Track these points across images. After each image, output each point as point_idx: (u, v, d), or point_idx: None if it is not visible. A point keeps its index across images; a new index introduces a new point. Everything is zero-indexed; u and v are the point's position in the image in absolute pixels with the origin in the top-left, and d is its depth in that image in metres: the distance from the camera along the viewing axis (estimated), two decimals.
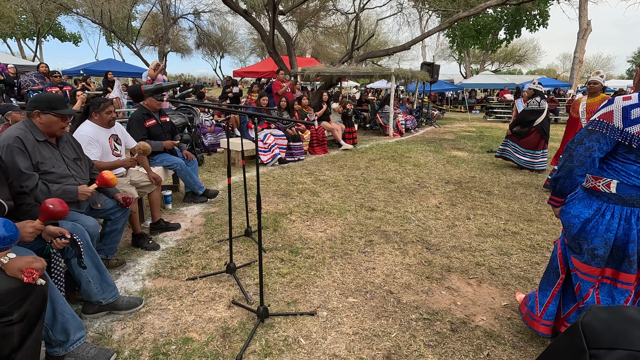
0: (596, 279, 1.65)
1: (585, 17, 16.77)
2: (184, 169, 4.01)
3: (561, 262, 1.80)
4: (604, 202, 1.61)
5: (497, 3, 11.48)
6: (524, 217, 3.93)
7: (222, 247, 3.12)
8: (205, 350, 1.92)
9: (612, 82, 26.99)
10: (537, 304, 1.89)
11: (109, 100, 3.03)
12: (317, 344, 1.98)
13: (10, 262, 1.49)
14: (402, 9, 16.73)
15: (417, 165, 6.29)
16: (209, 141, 7.22)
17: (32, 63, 15.22)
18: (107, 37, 29.22)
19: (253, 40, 31.48)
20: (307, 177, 5.43)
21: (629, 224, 1.56)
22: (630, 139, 1.49)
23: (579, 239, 1.66)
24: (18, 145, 2.06)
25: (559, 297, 1.82)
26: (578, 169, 1.58)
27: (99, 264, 2.11)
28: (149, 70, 6.14)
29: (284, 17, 16.52)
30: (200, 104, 2.28)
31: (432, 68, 11.76)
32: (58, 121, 2.21)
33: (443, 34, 27.54)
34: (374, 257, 2.98)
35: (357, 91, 20.03)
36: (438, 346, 1.98)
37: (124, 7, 21.81)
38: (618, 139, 1.52)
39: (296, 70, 10.32)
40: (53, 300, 1.72)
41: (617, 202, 1.58)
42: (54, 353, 1.76)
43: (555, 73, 49.70)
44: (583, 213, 1.65)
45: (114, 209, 2.58)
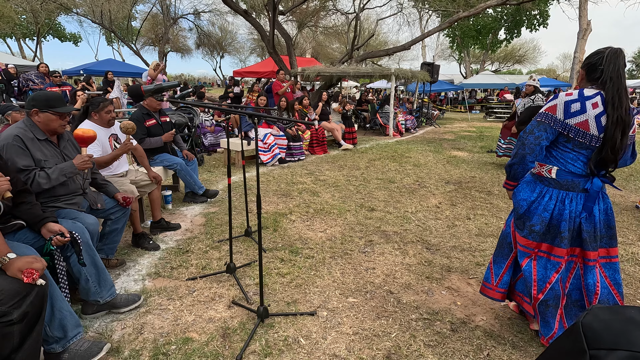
0: (532, 251, 1.88)
1: (585, 17, 16.76)
2: (184, 169, 4.01)
3: (514, 238, 2.00)
4: (545, 186, 1.84)
5: (497, 3, 11.49)
6: None
7: (222, 247, 3.12)
8: (205, 350, 1.92)
9: None
10: (492, 275, 2.09)
11: (108, 100, 3.03)
12: (317, 344, 1.98)
13: (10, 262, 1.49)
14: (402, 9, 16.75)
15: (417, 165, 6.29)
16: (209, 141, 7.22)
17: (32, 63, 15.22)
18: (107, 37, 29.22)
19: (253, 40, 31.48)
20: (307, 177, 5.43)
21: (563, 205, 1.79)
22: (568, 130, 1.71)
23: (524, 217, 1.89)
24: (18, 143, 2.06)
25: (512, 268, 2.04)
26: (529, 155, 1.79)
27: (97, 263, 2.11)
28: (149, 70, 6.15)
29: (284, 17, 16.52)
30: (200, 104, 2.28)
31: (432, 68, 11.77)
32: (57, 119, 2.21)
33: (443, 34, 27.54)
34: (374, 257, 2.98)
35: (357, 91, 20.03)
36: (438, 346, 1.98)
37: (124, 7, 21.82)
38: (559, 129, 1.73)
39: (296, 70, 10.32)
40: (52, 297, 1.72)
41: (555, 186, 1.81)
42: (51, 350, 1.76)
43: (555, 73, 49.71)
44: (528, 196, 1.87)
45: (114, 209, 2.58)
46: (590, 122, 1.67)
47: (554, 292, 1.83)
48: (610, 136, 1.65)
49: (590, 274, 1.81)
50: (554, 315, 1.86)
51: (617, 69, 1.67)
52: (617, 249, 1.85)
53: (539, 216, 1.82)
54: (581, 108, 1.68)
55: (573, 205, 1.78)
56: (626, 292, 2.53)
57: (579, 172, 1.76)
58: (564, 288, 1.86)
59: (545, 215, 1.81)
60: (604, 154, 1.69)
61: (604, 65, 1.69)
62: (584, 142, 1.70)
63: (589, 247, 1.78)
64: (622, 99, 1.65)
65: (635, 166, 6.49)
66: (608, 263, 1.84)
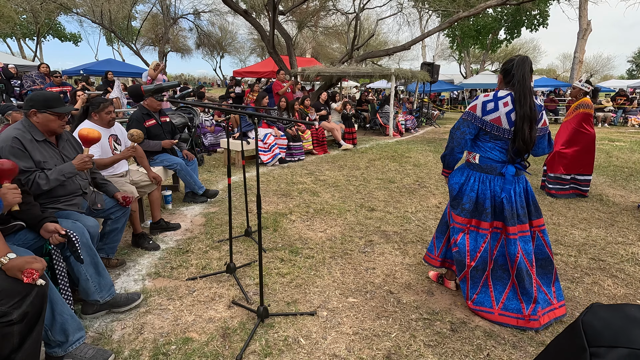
0: (465, 227, 2.21)
1: (585, 17, 16.77)
2: (184, 169, 4.01)
3: (449, 219, 2.36)
4: (471, 170, 2.20)
5: (497, 3, 11.49)
6: None
7: (222, 247, 3.12)
8: (205, 350, 1.92)
9: (612, 82, 26.98)
10: (434, 247, 2.49)
11: (108, 100, 3.03)
12: (317, 344, 1.98)
13: (10, 263, 1.49)
14: (402, 9, 16.73)
15: (417, 165, 6.29)
16: (209, 141, 7.22)
17: (32, 63, 15.22)
18: (107, 37, 29.22)
19: (253, 40, 31.49)
20: (307, 177, 5.42)
21: (484, 185, 2.14)
22: (486, 125, 2.06)
23: (457, 198, 2.23)
24: (17, 145, 2.05)
25: (448, 242, 2.40)
26: (457, 147, 2.17)
27: (97, 263, 2.11)
28: (149, 70, 6.14)
29: (284, 17, 16.52)
30: (200, 104, 2.28)
31: (432, 68, 11.77)
32: (55, 120, 2.20)
33: (443, 34, 27.52)
34: (374, 257, 2.98)
35: (357, 91, 20.03)
36: (438, 346, 1.98)
37: (124, 7, 21.81)
38: (479, 125, 2.08)
39: (296, 70, 10.32)
40: (52, 301, 1.72)
41: (478, 170, 2.17)
42: (53, 353, 1.76)
43: (555, 73, 49.68)
44: (458, 179, 2.23)
45: (114, 208, 2.58)
46: (502, 118, 2.02)
47: (482, 259, 2.18)
48: (519, 129, 1.98)
49: (512, 245, 2.13)
50: (481, 277, 2.22)
51: (523, 74, 1.97)
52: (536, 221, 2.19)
53: (468, 196, 2.17)
54: (495, 107, 2.02)
55: (492, 185, 2.13)
56: (626, 292, 2.54)
57: (496, 158, 2.11)
58: (491, 255, 2.19)
59: (472, 194, 2.16)
60: (517, 144, 2.01)
61: (515, 70, 1.99)
62: (498, 135, 2.05)
63: (509, 222, 2.11)
64: (527, 97, 1.96)
65: (635, 166, 6.49)
66: (523, 237, 2.14)
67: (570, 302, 2.41)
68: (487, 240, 2.16)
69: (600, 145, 8.66)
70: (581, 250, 3.16)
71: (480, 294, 2.22)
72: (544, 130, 2.12)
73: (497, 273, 2.20)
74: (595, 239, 3.39)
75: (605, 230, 3.62)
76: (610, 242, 3.34)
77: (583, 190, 4.62)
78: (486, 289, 2.21)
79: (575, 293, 2.51)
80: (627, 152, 7.94)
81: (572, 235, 3.46)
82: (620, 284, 2.63)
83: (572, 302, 2.41)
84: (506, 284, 2.18)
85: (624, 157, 7.36)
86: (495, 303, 2.17)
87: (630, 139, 9.81)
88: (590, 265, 2.90)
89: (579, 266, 2.88)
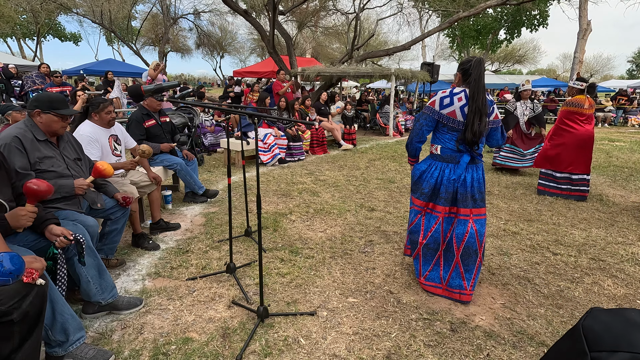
0: (422, 209, 2.48)
1: (585, 17, 16.76)
2: (184, 169, 4.01)
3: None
4: (434, 161, 2.43)
5: (497, 3, 11.48)
6: (524, 217, 3.93)
7: (222, 247, 3.11)
8: (205, 350, 1.92)
9: (612, 82, 26.97)
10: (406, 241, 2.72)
11: (108, 101, 3.03)
12: (317, 344, 1.98)
13: None
14: (402, 9, 16.72)
15: None
16: (209, 141, 7.21)
17: (32, 63, 15.23)
18: (107, 37, 29.20)
19: (253, 40, 31.46)
20: (307, 177, 5.42)
21: (444, 173, 2.36)
22: (442, 118, 2.30)
23: (417, 183, 2.49)
24: (16, 144, 2.05)
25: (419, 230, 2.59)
26: (415, 137, 2.43)
27: (99, 264, 2.10)
28: (149, 70, 6.14)
29: (284, 17, 16.51)
30: (200, 104, 2.27)
31: (432, 68, 11.75)
32: (59, 121, 2.21)
33: (443, 34, 27.51)
34: (374, 257, 2.98)
35: (357, 91, 20.02)
36: (438, 346, 1.98)
37: (124, 7, 21.79)
38: (437, 118, 2.33)
39: (296, 70, 10.32)
40: (53, 301, 1.72)
41: (440, 160, 2.40)
42: (53, 353, 1.76)
43: (555, 73, 49.65)
44: (421, 167, 2.48)
45: (114, 209, 2.58)
46: (456, 112, 2.26)
47: (434, 238, 2.41)
48: (470, 122, 2.21)
49: (461, 225, 2.34)
50: (434, 256, 2.45)
51: (479, 73, 2.22)
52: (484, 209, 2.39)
53: (427, 182, 2.42)
54: (450, 101, 2.28)
55: (451, 173, 2.34)
56: (626, 292, 2.54)
57: (454, 148, 2.34)
58: (444, 236, 2.40)
59: (432, 181, 2.40)
60: (467, 135, 2.23)
61: (472, 70, 2.23)
62: (454, 127, 2.29)
63: (462, 205, 2.34)
64: (480, 94, 2.21)
65: (635, 166, 6.49)
66: (477, 220, 2.36)
67: (570, 302, 2.41)
68: (439, 222, 2.40)
69: (600, 145, 8.66)
70: (581, 250, 3.16)
71: (432, 272, 2.47)
72: (497, 124, 2.38)
73: (447, 254, 2.42)
74: (595, 239, 3.38)
75: (605, 230, 3.62)
76: (610, 242, 3.34)
77: (581, 190, 4.54)
78: (437, 267, 2.46)
79: (575, 293, 2.51)
80: (627, 152, 7.94)
81: (572, 235, 3.46)
82: (620, 284, 2.63)
83: (572, 302, 2.41)
84: (450, 264, 2.40)
85: (624, 157, 7.36)
86: (442, 280, 2.43)
87: (630, 139, 9.81)
88: (590, 265, 2.90)
89: (579, 266, 2.88)
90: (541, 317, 2.24)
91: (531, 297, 2.44)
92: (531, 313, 2.28)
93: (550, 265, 2.89)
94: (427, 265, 2.48)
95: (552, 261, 2.96)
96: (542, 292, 2.51)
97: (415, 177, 2.51)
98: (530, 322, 2.19)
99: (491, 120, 2.33)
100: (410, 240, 2.56)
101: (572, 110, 4.50)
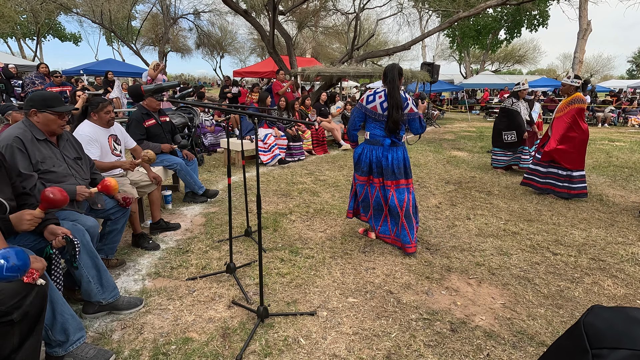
0: (365, 182, 3.16)
1: (585, 17, 16.76)
2: (184, 169, 4.01)
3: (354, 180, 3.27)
4: (366, 145, 3.10)
5: (497, 3, 11.48)
6: (524, 217, 3.93)
7: (222, 247, 3.11)
8: (205, 350, 1.92)
9: (612, 82, 26.96)
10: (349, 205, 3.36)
11: (107, 100, 3.03)
12: (317, 344, 1.98)
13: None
14: (402, 9, 16.73)
15: (417, 165, 6.29)
16: (209, 141, 7.21)
17: (32, 63, 15.22)
18: (107, 37, 29.18)
19: (253, 40, 31.46)
20: (307, 177, 5.42)
21: (372, 153, 3.04)
22: (368, 111, 3.00)
23: (358, 164, 3.14)
24: (17, 145, 2.05)
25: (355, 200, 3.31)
26: (351, 126, 3.07)
27: (99, 264, 2.10)
28: (149, 70, 6.15)
29: (284, 17, 16.52)
30: (200, 104, 2.27)
31: (432, 68, 11.76)
32: (55, 119, 2.20)
33: (443, 34, 27.52)
34: (374, 257, 2.98)
35: (357, 91, 20.02)
36: (438, 346, 1.98)
37: (124, 7, 21.78)
38: (364, 111, 3.02)
39: (296, 70, 10.31)
40: (53, 301, 1.72)
41: (369, 144, 3.07)
42: (53, 353, 1.76)
43: (555, 73, 49.62)
44: (358, 150, 3.14)
45: (114, 209, 2.58)
46: (377, 106, 2.95)
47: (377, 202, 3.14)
48: (389, 114, 2.90)
49: (387, 191, 3.05)
50: (381, 215, 3.17)
51: (392, 76, 2.92)
52: (403, 180, 3.02)
53: (364, 162, 3.09)
54: (373, 99, 2.97)
55: (377, 153, 3.03)
56: (626, 292, 2.54)
57: (378, 134, 3.02)
58: (385, 200, 3.09)
59: (366, 160, 3.08)
60: (389, 123, 2.93)
61: (388, 74, 2.94)
62: (376, 118, 2.98)
63: (386, 178, 3.03)
64: (395, 92, 2.90)
65: (635, 166, 6.49)
66: (397, 189, 3.02)
67: (570, 302, 2.41)
68: (377, 189, 3.10)
69: (600, 145, 8.66)
70: (581, 250, 3.16)
71: (382, 226, 3.17)
72: (414, 115, 2.99)
73: (376, 214, 3.17)
74: (595, 239, 3.38)
75: (605, 230, 3.62)
76: (610, 242, 3.34)
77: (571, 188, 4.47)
78: (386, 223, 3.15)
79: (575, 293, 2.50)
80: (627, 152, 7.95)
81: (572, 235, 3.46)
82: (620, 284, 2.63)
83: (572, 302, 2.41)
84: (397, 221, 3.04)
85: (624, 157, 7.36)
86: (391, 232, 3.12)
87: (630, 139, 9.81)
88: (590, 265, 2.90)
89: (579, 266, 2.88)
90: (541, 317, 2.24)
91: (531, 297, 2.44)
92: (531, 313, 2.28)
93: (550, 265, 2.89)
94: (378, 222, 3.19)
95: (552, 261, 2.96)
96: (542, 292, 2.51)
97: (355, 159, 3.17)
98: (530, 322, 2.19)
99: (406, 112, 2.95)
100: (362, 208, 3.25)
101: (582, 107, 4.49)
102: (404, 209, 2.99)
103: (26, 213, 1.72)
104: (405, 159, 3.05)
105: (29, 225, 1.72)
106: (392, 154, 2.99)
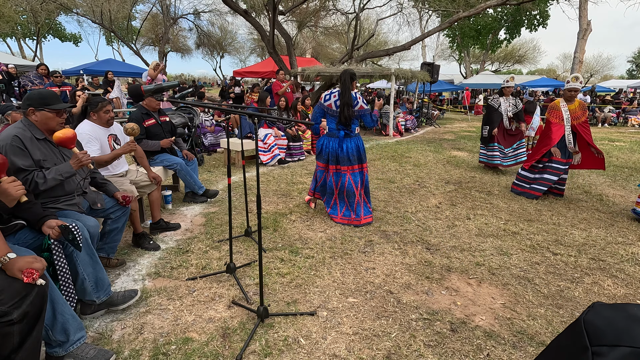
0: (325, 168, 3.72)
1: (585, 17, 16.76)
2: (184, 169, 4.01)
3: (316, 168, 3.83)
4: (326, 137, 3.68)
5: (497, 3, 11.48)
6: (524, 217, 3.93)
7: (222, 247, 3.11)
8: (205, 350, 1.92)
9: (612, 82, 26.97)
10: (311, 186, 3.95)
11: (106, 100, 3.03)
12: (317, 344, 1.98)
13: (10, 262, 1.48)
14: (402, 9, 16.71)
15: (417, 165, 6.29)
16: (209, 141, 7.21)
17: (32, 63, 15.21)
18: (107, 37, 29.18)
19: (253, 40, 31.46)
20: (307, 177, 5.42)
21: (330, 143, 3.63)
22: (325, 108, 3.59)
23: (320, 153, 3.72)
24: (17, 144, 2.05)
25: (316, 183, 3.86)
26: (313, 121, 3.58)
27: (95, 262, 2.10)
28: (148, 70, 6.14)
29: (284, 17, 16.51)
30: (200, 104, 2.27)
31: (432, 68, 11.76)
32: (53, 117, 2.20)
33: (443, 34, 27.51)
34: (374, 257, 2.98)
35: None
36: (438, 346, 1.98)
37: (124, 7, 21.77)
38: (323, 109, 3.60)
39: (296, 70, 10.32)
40: (53, 301, 1.72)
41: (328, 136, 3.66)
42: (53, 353, 1.76)
43: (555, 73, 49.63)
44: (321, 142, 3.72)
45: (114, 208, 2.58)
46: (332, 104, 3.53)
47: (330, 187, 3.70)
48: (341, 110, 3.47)
49: (343, 176, 3.62)
50: (331, 198, 3.72)
51: (344, 79, 3.44)
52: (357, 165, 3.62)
53: (325, 151, 3.67)
54: (330, 97, 3.55)
55: (334, 144, 3.62)
56: (626, 292, 2.54)
57: (334, 128, 3.61)
58: (336, 185, 3.67)
59: (327, 150, 3.65)
60: (340, 118, 3.50)
61: (340, 77, 3.48)
62: (332, 114, 3.56)
63: (342, 164, 3.60)
64: (346, 92, 3.43)
65: (635, 166, 6.49)
66: (352, 173, 3.61)
67: (570, 302, 2.41)
68: (348, 177, 3.61)
69: (600, 145, 8.66)
70: (581, 250, 3.16)
71: (332, 208, 3.72)
72: (364, 112, 3.52)
73: (340, 196, 3.68)
74: (595, 239, 3.39)
75: (605, 230, 3.62)
76: (610, 242, 3.34)
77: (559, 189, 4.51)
78: (335, 205, 3.71)
79: (575, 293, 2.51)
80: (627, 152, 7.95)
81: (572, 235, 3.46)
82: (620, 284, 2.63)
83: (572, 302, 2.41)
84: (343, 202, 3.65)
85: (624, 157, 7.36)
86: (339, 212, 3.67)
87: (630, 139, 9.81)
88: (590, 265, 2.90)
89: (579, 266, 2.88)
90: (541, 317, 2.24)
91: (531, 297, 2.44)
92: (531, 313, 2.28)
93: (550, 265, 2.89)
94: (328, 203, 3.74)
95: (552, 261, 2.96)
96: (542, 292, 2.51)
97: (318, 149, 3.75)
98: (530, 322, 2.19)
99: (357, 109, 3.48)
100: (327, 194, 3.74)
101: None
102: (359, 189, 3.61)
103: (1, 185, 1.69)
104: (359, 147, 3.61)
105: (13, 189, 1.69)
106: (347, 143, 3.57)
